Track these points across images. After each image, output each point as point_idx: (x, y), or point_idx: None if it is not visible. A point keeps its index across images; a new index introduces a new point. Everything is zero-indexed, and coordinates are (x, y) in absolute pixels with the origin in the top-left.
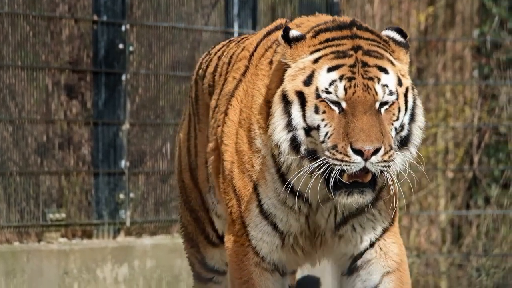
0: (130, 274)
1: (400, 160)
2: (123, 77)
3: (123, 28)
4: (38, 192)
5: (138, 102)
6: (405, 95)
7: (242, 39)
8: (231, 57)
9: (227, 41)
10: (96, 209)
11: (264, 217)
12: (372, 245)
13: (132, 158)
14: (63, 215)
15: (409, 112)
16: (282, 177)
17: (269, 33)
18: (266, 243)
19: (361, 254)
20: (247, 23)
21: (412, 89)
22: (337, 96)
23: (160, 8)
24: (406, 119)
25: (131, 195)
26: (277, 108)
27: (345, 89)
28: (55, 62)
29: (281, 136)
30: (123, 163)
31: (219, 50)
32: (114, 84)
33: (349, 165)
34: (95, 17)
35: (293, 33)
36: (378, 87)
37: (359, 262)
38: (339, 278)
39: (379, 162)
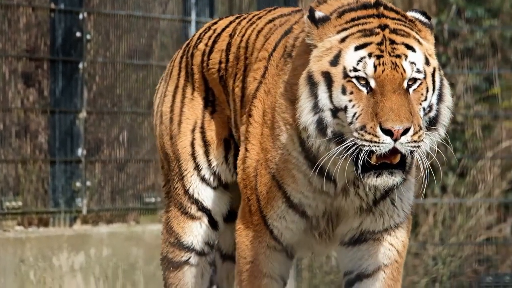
0: (86, 262)
1: (429, 140)
2: (80, 65)
3: (80, 16)
4: None
5: (95, 90)
6: (433, 75)
7: (254, 16)
8: (247, 42)
9: (233, 17)
10: (53, 197)
11: (294, 209)
12: (388, 228)
13: (89, 146)
14: (20, 203)
15: (437, 92)
16: (312, 161)
17: (286, 32)
18: (291, 230)
19: (373, 232)
20: (204, 12)
21: (439, 69)
22: (366, 73)
23: None
24: (434, 99)
25: (88, 183)
26: (303, 90)
27: (375, 66)
28: (12, 50)
29: (308, 118)
30: (80, 151)
31: (227, 26)
32: (71, 73)
33: (378, 146)
34: (52, 5)
35: (319, 14)
36: (406, 65)
37: (365, 236)
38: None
39: (409, 143)
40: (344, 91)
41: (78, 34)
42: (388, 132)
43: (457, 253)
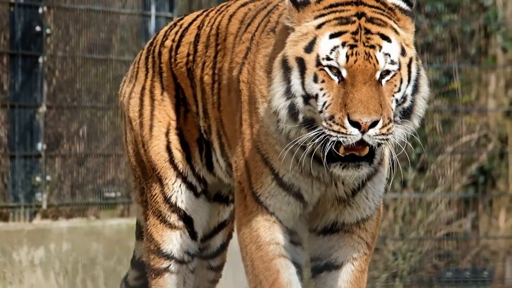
0: (46, 257)
1: (401, 131)
2: (40, 60)
3: (40, 10)
4: None
5: (55, 84)
6: (409, 66)
7: (222, 6)
8: (217, 28)
9: (200, 12)
10: (12, 192)
11: (285, 189)
12: (359, 221)
13: (48, 140)
14: None
15: (412, 82)
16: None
17: (269, 12)
18: (284, 212)
19: (346, 224)
20: (164, 6)
21: (417, 59)
22: (338, 63)
23: None
24: (409, 90)
25: (48, 177)
26: (277, 73)
27: (347, 56)
28: None
29: (279, 102)
30: (40, 146)
31: (194, 20)
32: (31, 67)
33: (346, 137)
34: None
35: None
36: (379, 56)
37: (337, 227)
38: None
39: (377, 135)
40: (316, 79)
41: (37, 28)
42: (355, 124)
43: (417, 248)
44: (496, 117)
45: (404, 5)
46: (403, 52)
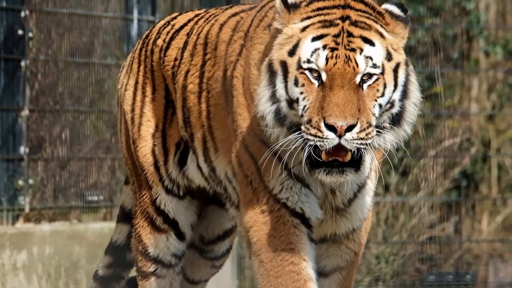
0: (29, 260)
1: (392, 137)
2: (23, 63)
3: (22, 14)
4: None
5: (37, 88)
6: (395, 71)
7: (211, 15)
8: (206, 38)
9: (192, 14)
10: None
11: (298, 180)
12: (348, 232)
13: (31, 144)
14: None
15: (400, 88)
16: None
17: (263, 6)
18: (308, 203)
19: (335, 234)
20: (146, 10)
21: (406, 64)
22: (317, 66)
23: None
24: (396, 96)
25: (30, 181)
26: (264, 78)
27: (327, 59)
28: None
29: (265, 107)
30: (22, 149)
31: (185, 24)
32: (13, 70)
33: (323, 141)
34: None
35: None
36: (359, 59)
37: (328, 236)
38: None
39: (355, 140)
40: (296, 83)
41: (20, 32)
42: (331, 128)
43: (400, 252)
44: (479, 121)
45: (397, 11)
46: (388, 57)
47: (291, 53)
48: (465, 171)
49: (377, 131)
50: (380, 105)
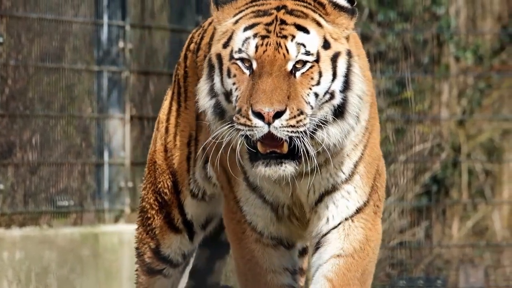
0: None
1: (336, 131)
2: None
3: None
4: None
5: (7, 93)
6: (333, 60)
7: None
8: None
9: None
10: None
11: (252, 189)
12: (338, 225)
13: (1, 149)
14: None
15: (341, 78)
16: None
17: None
18: (260, 217)
19: (326, 233)
20: (116, 14)
21: (348, 55)
22: (248, 54)
23: None
24: (337, 86)
25: (0, 186)
26: (204, 73)
27: (256, 47)
28: None
29: (205, 101)
30: None
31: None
32: None
33: (252, 130)
34: None
35: None
36: (290, 45)
37: (321, 240)
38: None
39: (284, 127)
40: (229, 74)
41: None
42: (258, 115)
43: None
44: (449, 126)
45: (341, 1)
46: (325, 45)
47: (225, 45)
48: (436, 176)
49: (320, 124)
50: (316, 94)
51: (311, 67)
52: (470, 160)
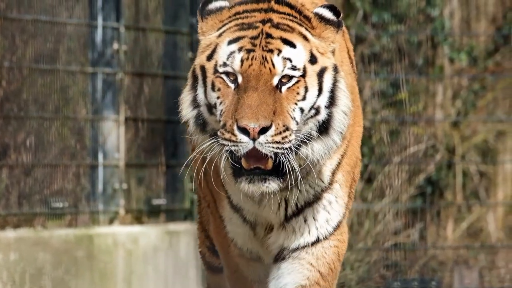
0: None
1: (320, 147)
2: None
3: None
4: None
5: (1, 95)
6: (319, 75)
7: None
8: None
9: None
10: None
11: (235, 210)
12: (312, 244)
13: None
14: None
15: (326, 94)
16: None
17: None
18: (239, 235)
19: (295, 249)
20: (111, 16)
21: (335, 70)
22: (233, 68)
23: (24, 1)
24: (322, 102)
25: None
26: (188, 83)
27: (242, 61)
28: None
29: (187, 112)
30: None
31: None
32: None
33: (237, 145)
34: None
35: (212, 5)
36: (276, 60)
37: (286, 252)
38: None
39: (269, 143)
40: (213, 88)
41: None
42: (244, 131)
43: (365, 259)
44: (444, 127)
45: (327, 15)
46: (312, 60)
47: (209, 57)
48: (430, 178)
49: (305, 140)
50: (302, 109)
51: (297, 82)
52: (464, 162)
